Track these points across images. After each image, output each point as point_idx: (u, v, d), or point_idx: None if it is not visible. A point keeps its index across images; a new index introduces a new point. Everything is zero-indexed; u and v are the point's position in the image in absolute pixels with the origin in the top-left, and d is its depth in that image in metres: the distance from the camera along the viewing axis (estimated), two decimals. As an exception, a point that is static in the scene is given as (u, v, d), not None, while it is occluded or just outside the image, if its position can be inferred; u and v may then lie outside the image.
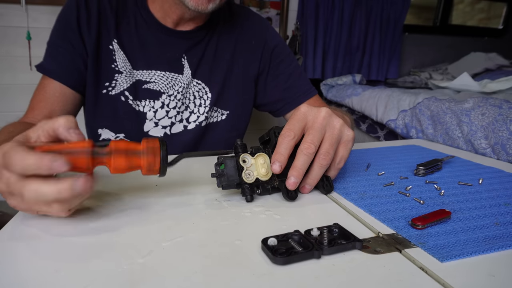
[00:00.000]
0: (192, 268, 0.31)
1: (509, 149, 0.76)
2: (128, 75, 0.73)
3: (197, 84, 0.78)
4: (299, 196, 0.48)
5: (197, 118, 0.80)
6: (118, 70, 0.73)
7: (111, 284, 0.29)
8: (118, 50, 0.73)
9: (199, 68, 0.78)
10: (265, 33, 0.84)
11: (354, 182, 0.53)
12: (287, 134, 0.44)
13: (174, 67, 0.76)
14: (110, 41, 0.72)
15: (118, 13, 0.73)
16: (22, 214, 0.42)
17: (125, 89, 0.74)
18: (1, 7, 1.60)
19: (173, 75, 0.76)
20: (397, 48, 2.25)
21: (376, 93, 1.50)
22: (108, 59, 0.72)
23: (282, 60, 0.85)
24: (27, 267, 0.31)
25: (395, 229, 0.39)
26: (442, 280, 0.30)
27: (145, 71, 0.74)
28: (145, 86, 0.75)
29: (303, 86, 0.86)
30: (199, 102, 0.79)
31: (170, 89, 0.76)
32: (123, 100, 0.74)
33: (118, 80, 0.73)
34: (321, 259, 0.33)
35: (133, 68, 0.74)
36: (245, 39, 0.82)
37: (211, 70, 0.79)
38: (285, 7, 2.02)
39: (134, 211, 0.43)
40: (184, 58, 0.76)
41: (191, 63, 0.77)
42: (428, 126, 1.01)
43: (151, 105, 0.75)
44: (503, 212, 0.43)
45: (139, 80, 0.74)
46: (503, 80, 1.40)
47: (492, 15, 2.69)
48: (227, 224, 0.40)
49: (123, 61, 0.73)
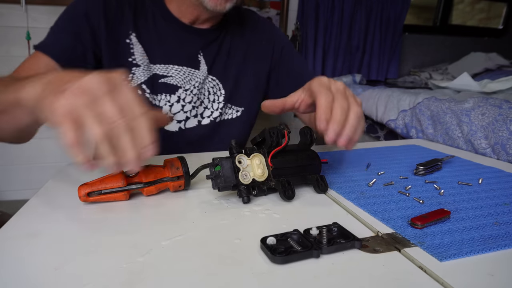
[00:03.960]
0: (191, 267, 0.31)
1: (509, 149, 0.76)
2: (145, 69, 0.74)
3: (212, 81, 0.80)
4: (299, 196, 0.48)
5: (211, 114, 0.81)
6: (136, 63, 0.74)
7: (111, 283, 0.29)
8: (136, 43, 0.73)
9: (214, 65, 0.80)
10: (274, 34, 0.89)
11: (354, 182, 0.53)
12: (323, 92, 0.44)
13: (191, 62, 0.77)
14: (128, 35, 0.73)
15: (136, 9, 0.74)
16: (22, 213, 0.42)
17: (143, 82, 0.74)
18: (1, 7, 1.60)
19: (190, 69, 0.77)
20: (397, 48, 2.25)
21: (376, 93, 1.50)
22: (126, 53, 0.73)
23: (291, 57, 0.89)
24: (27, 266, 0.31)
25: (394, 228, 0.39)
26: (441, 280, 0.30)
27: (163, 65, 0.75)
28: (162, 80, 0.76)
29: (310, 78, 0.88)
30: (213, 98, 0.81)
31: (187, 83, 0.77)
32: (140, 94, 0.73)
33: (135, 73, 0.74)
34: (320, 258, 0.33)
35: (150, 62, 0.75)
36: (256, 40, 0.86)
37: (225, 68, 0.82)
38: (285, 7, 2.02)
39: (134, 211, 0.43)
40: (201, 54, 0.78)
41: (207, 60, 0.79)
42: (428, 126, 1.01)
43: (167, 99, 0.76)
44: (503, 212, 0.43)
45: (155, 74, 0.75)
46: (503, 80, 1.40)
47: (492, 15, 2.69)
48: (227, 223, 0.40)
49: (141, 55, 0.74)
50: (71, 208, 0.43)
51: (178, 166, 0.47)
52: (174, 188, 0.47)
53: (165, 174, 0.46)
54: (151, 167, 0.46)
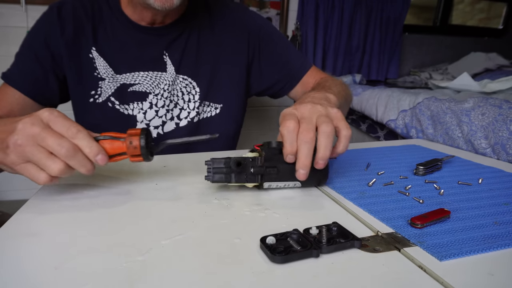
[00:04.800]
0: (191, 266, 0.31)
1: (509, 149, 0.76)
2: (111, 81, 0.73)
3: (183, 80, 0.77)
4: (298, 195, 0.48)
5: (188, 114, 0.78)
6: (100, 77, 0.73)
7: (111, 282, 0.29)
8: (97, 57, 0.72)
9: (182, 63, 0.77)
10: (247, 19, 0.83)
11: (353, 181, 0.53)
12: (286, 125, 0.46)
13: (157, 65, 0.75)
14: (89, 49, 0.72)
15: (94, 20, 0.72)
16: (22, 213, 0.42)
17: (111, 95, 0.73)
18: (1, 7, 1.60)
19: (157, 73, 0.75)
20: (397, 48, 2.25)
21: (376, 93, 1.50)
22: (90, 68, 0.72)
23: (270, 41, 0.83)
24: (27, 265, 0.31)
25: (394, 228, 0.39)
26: (441, 279, 0.30)
27: (129, 74, 0.74)
28: (131, 89, 0.74)
29: (297, 60, 0.84)
30: (188, 97, 0.78)
31: (156, 88, 0.75)
32: (110, 106, 0.74)
33: (102, 87, 0.73)
34: (319, 257, 0.33)
35: (116, 73, 0.73)
36: (228, 29, 0.80)
37: (196, 64, 0.78)
38: (285, 7, 2.02)
39: (134, 210, 0.43)
40: (166, 55, 0.75)
41: (173, 59, 0.76)
42: (428, 126, 1.01)
43: (140, 107, 0.75)
44: (503, 212, 0.43)
45: (123, 84, 0.74)
46: (503, 80, 1.40)
47: (492, 15, 2.69)
48: (226, 222, 0.40)
49: (104, 68, 0.73)
50: (71, 208, 0.43)
51: (136, 145, 0.44)
52: (130, 153, 0.45)
53: (123, 150, 0.45)
54: (112, 141, 0.45)
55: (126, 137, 0.44)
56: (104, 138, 0.44)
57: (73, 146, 0.41)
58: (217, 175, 0.46)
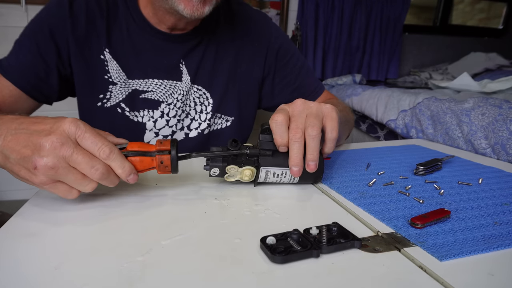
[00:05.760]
0: (191, 266, 0.31)
1: (509, 149, 0.76)
2: (123, 86, 0.69)
3: (197, 90, 0.74)
4: (298, 195, 0.48)
5: (198, 126, 0.76)
6: (112, 81, 0.69)
7: (111, 282, 0.29)
8: (110, 60, 0.68)
9: (199, 73, 0.73)
10: (269, 34, 0.79)
11: (354, 182, 0.53)
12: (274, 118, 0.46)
13: (172, 74, 0.71)
14: (102, 50, 0.68)
15: (109, 18, 0.67)
16: (22, 213, 0.42)
17: (121, 101, 0.70)
18: (1, 7, 1.60)
19: (172, 82, 0.71)
20: (397, 48, 2.25)
21: (376, 93, 1.50)
22: (101, 70, 0.68)
23: (287, 61, 0.81)
24: (27, 265, 0.31)
25: (394, 228, 0.39)
26: (441, 279, 0.30)
27: (142, 80, 0.70)
28: (143, 96, 0.71)
29: (311, 84, 0.83)
30: (200, 108, 0.75)
31: (169, 97, 0.72)
32: (119, 112, 0.70)
33: (113, 91, 0.69)
34: (320, 258, 0.33)
35: (128, 78, 0.69)
36: (248, 42, 0.77)
37: (212, 75, 0.75)
38: (285, 7, 2.02)
39: (133, 210, 0.43)
40: (182, 63, 0.72)
41: (190, 68, 0.72)
42: (428, 126, 1.01)
43: (150, 115, 0.72)
44: (503, 212, 0.43)
45: (135, 90, 0.70)
46: (503, 80, 1.40)
47: (492, 15, 2.69)
48: (227, 222, 0.40)
49: (116, 72, 0.68)
50: (71, 208, 0.43)
51: (167, 164, 0.44)
52: (160, 168, 0.44)
53: (153, 165, 0.44)
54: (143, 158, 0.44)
55: (154, 151, 0.43)
56: (133, 154, 0.43)
57: (107, 168, 0.40)
58: (215, 163, 0.47)
